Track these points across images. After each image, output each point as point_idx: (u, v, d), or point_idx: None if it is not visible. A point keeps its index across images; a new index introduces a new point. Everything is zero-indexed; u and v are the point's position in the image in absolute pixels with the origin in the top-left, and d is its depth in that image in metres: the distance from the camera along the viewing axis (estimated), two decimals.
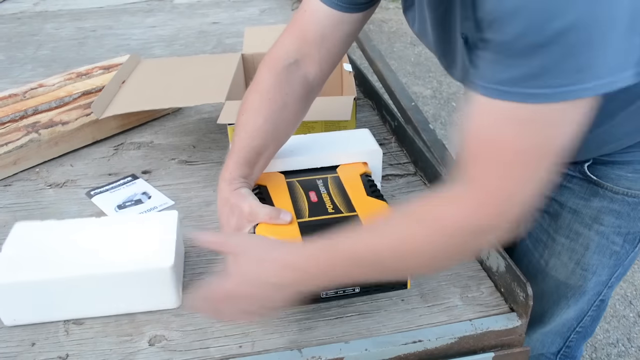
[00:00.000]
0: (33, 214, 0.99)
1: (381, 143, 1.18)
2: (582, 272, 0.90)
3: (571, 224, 0.88)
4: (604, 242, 0.87)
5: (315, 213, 0.78)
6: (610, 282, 0.93)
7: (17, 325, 0.77)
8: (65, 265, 0.76)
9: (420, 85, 3.53)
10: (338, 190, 0.83)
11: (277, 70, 0.83)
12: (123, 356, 0.72)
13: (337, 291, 0.74)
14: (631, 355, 1.82)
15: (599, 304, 0.96)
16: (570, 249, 0.90)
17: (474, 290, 0.81)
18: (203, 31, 1.89)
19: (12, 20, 2.07)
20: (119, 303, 0.78)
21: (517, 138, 0.54)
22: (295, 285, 0.65)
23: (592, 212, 0.86)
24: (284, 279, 0.65)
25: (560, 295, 0.95)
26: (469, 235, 0.59)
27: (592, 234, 0.87)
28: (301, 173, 0.87)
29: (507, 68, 0.51)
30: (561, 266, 0.92)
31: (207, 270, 0.86)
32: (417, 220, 0.61)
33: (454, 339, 0.73)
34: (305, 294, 0.67)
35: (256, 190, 0.82)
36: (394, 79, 1.33)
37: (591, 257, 0.89)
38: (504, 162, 0.55)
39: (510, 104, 0.52)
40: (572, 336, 1.01)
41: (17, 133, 1.12)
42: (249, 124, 0.81)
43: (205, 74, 1.23)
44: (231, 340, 0.74)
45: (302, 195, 0.82)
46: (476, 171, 0.57)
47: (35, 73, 1.59)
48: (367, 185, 0.83)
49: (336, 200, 0.80)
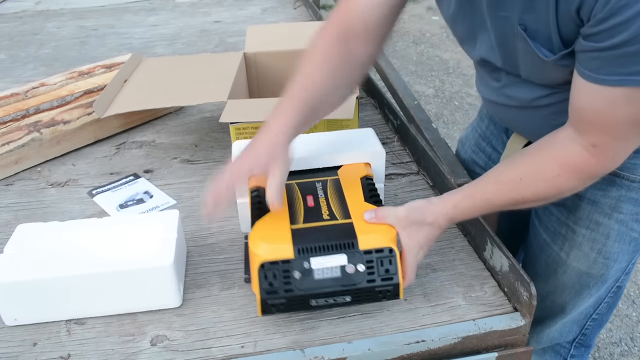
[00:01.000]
0: (35, 213, 0.98)
1: (384, 142, 1.18)
2: (604, 260, 0.93)
3: (591, 214, 0.91)
4: (624, 230, 0.90)
5: (310, 218, 0.76)
6: (627, 269, 0.96)
7: (18, 325, 0.77)
8: (67, 265, 0.76)
9: (423, 84, 3.53)
10: (336, 195, 0.81)
11: (332, 41, 0.85)
12: (125, 356, 0.72)
13: (327, 300, 0.72)
14: (634, 354, 1.81)
15: (616, 290, 0.99)
16: (592, 239, 0.92)
17: (477, 289, 0.81)
18: (205, 30, 1.89)
19: (14, 19, 2.07)
20: (120, 302, 0.77)
21: (631, 114, 0.67)
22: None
23: (611, 202, 0.89)
24: (444, 228, 0.78)
25: (582, 286, 0.97)
26: (588, 180, 0.75)
27: (612, 222, 0.90)
28: (301, 174, 0.86)
29: (622, 63, 0.63)
30: (583, 257, 0.94)
31: (209, 269, 0.86)
32: (558, 164, 0.73)
33: (457, 339, 0.73)
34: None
35: (254, 193, 0.81)
36: (396, 77, 1.32)
37: (612, 245, 0.92)
38: (620, 132, 0.69)
39: (624, 89, 0.65)
40: (588, 324, 1.04)
41: (19, 132, 1.12)
42: (305, 82, 0.83)
43: (207, 72, 1.23)
44: (233, 340, 0.74)
45: (299, 199, 0.81)
46: (597, 139, 0.70)
47: (37, 72, 1.58)
48: (366, 190, 0.82)
49: (333, 206, 0.79)
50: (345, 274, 0.72)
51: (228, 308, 0.79)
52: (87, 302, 0.77)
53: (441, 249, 0.88)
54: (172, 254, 0.77)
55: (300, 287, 0.71)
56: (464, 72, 3.61)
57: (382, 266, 0.72)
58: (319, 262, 0.71)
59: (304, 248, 0.72)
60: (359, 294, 0.73)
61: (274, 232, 0.74)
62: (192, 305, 0.79)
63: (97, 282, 0.75)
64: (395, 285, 0.72)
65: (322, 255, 0.72)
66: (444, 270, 0.84)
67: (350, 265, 0.72)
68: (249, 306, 0.79)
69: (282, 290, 0.71)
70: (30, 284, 0.74)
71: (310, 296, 0.72)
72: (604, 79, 0.65)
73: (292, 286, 0.71)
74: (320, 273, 0.71)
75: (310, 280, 0.71)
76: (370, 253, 0.72)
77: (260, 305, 0.71)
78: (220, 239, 0.92)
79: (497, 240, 0.80)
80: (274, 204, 0.73)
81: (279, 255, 0.71)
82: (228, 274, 0.85)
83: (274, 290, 0.71)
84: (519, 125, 0.93)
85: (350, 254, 0.72)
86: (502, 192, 0.76)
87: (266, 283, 0.71)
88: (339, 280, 0.71)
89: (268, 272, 0.71)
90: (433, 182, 1.04)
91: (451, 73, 3.63)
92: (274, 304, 0.71)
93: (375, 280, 0.72)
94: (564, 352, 1.08)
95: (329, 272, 0.71)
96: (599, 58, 0.64)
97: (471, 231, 0.89)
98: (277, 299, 0.71)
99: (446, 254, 0.88)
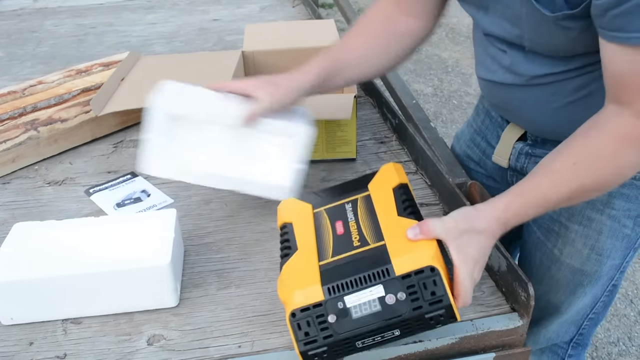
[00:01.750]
0: (32, 212, 0.98)
1: (382, 141, 1.18)
2: (597, 257, 0.93)
3: (583, 210, 0.91)
4: (616, 226, 0.90)
5: (339, 249, 0.69)
6: (622, 267, 0.96)
7: (14, 324, 0.77)
8: (63, 264, 0.75)
9: (421, 83, 3.52)
10: (367, 215, 0.74)
11: (380, 9, 0.92)
12: (121, 356, 0.72)
13: (374, 339, 0.65)
14: (632, 354, 1.81)
15: (612, 289, 0.99)
16: (584, 235, 0.92)
17: (475, 290, 0.79)
18: (203, 28, 1.88)
19: (12, 16, 2.06)
20: (117, 302, 0.77)
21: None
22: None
23: (603, 197, 0.88)
24: (498, 236, 0.71)
25: (576, 284, 0.97)
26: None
27: (604, 218, 0.90)
28: (330, 198, 0.80)
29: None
30: (576, 253, 0.94)
31: (206, 269, 0.85)
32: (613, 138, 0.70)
33: (454, 339, 0.73)
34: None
35: (283, 230, 0.77)
36: (394, 76, 1.32)
37: (605, 241, 0.92)
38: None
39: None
40: (585, 323, 1.03)
41: (16, 130, 1.11)
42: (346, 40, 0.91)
43: (206, 71, 1.23)
44: (230, 340, 0.74)
45: (327, 228, 0.74)
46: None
47: (34, 70, 1.58)
48: (399, 202, 0.73)
49: (364, 228, 0.72)
50: (386, 306, 0.63)
51: (225, 307, 0.79)
52: (83, 302, 0.77)
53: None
54: (169, 253, 0.76)
55: (339, 330, 0.64)
56: (463, 71, 3.61)
57: (425, 289, 0.63)
58: (355, 299, 0.64)
59: (335, 287, 0.64)
60: (408, 325, 0.64)
61: (301, 274, 0.67)
62: (189, 305, 0.79)
63: (94, 282, 0.75)
64: (447, 307, 0.63)
65: (357, 291, 0.64)
66: None
67: (389, 295, 0.63)
68: (246, 306, 0.79)
69: (320, 337, 0.64)
70: (27, 283, 0.74)
71: (354, 338, 0.64)
72: (635, 37, 0.63)
73: (330, 331, 0.64)
74: (358, 310, 0.64)
75: (348, 321, 0.63)
76: (410, 277, 0.63)
77: (301, 358, 0.65)
78: (217, 238, 0.92)
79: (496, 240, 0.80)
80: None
81: (308, 300, 0.64)
82: (225, 273, 0.84)
83: (313, 339, 0.64)
84: (517, 109, 0.92)
85: (386, 282, 0.64)
86: (557, 183, 0.70)
87: (302, 333, 0.63)
88: (381, 314, 0.63)
89: (301, 321, 0.63)
90: (431, 182, 1.03)
91: (450, 72, 3.63)
92: (316, 354, 0.64)
93: (422, 306, 0.63)
94: (562, 352, 1.08)
95: (368, 307, 0.64)
96: (621, 14, 0.62)
97: None
98: (318, 347, 0.64)
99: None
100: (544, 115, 0.85)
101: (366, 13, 0.92)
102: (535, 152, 0.92)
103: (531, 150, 0.93)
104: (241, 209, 0.98)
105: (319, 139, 1.08)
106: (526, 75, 0.84)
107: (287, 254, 0.72)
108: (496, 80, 0.90)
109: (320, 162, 1.11)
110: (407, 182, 0.78)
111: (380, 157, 1.13)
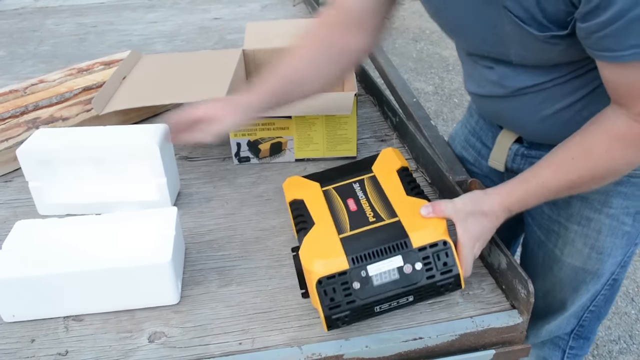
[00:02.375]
0: (33, 210, 0.98)
1: (382, 139, 1.18)
2: (598, 255, 0.94)
3: (581, 210, 0.92)
4: (615, 224, 0.91)
5: (356, 224, 0.76)
6: (623, 262, 0.97)
7: (16, 321, 0.77)
8: (65, 261, 0.76)
9: (422, 81, 3.52)
10: (377, 194, 0.81)
11: (323, 26, 0.90)
12: (123, 353, 0.72)
13: (390, 304, 0.72)
14: (633, 352, 1.81)
15: (612, 283, 1.00)
16: (584, 234, 0.93)
17: (475, 287, 0.81)
18: (204, 27, 1.88)
19: (13, 15, 2.06)
20: (118, 299, 0.77)
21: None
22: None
23: (601, 197, 0.90)
24: (502, 219, 0.77)
25: (579, 282, 0.98)
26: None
27: (602, 217, 0.91)
28: (335, 178, 0.86)
29: (630, 33, 0.62)
30: (576, 253, 0.95)
31: (207, 266, 0.86)
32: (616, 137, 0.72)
33: (454, 336, 0.73)
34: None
35: (294, 206, 0.82)
36: (395, 75, 1.32)
37: (604, 240, 0.92)
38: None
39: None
40: (585, 315, 1.05)
41: (18, 129, 1.12)
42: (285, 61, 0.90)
43: (207, 69, 1.23)
44: (231, 337, 0.74)
45: (340, 204, 0.80)
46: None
47: (36, 69, 1.58)
48: (405, 183, 0.81)
49: (376, 206, 0.79)
50: (404, 275, 0.71)
51: (226, 305, 0.79)
52: (85, 299, 0.77)
53: None
54: (170, 250, 0.77)
55: (362, 297, 0.70)
56: None
57: (439, 260, 0.72)
58: (376, 268, 0.71)
59: (358, 257, 0.71)
60: (421, 292, 0.72)
61: (324, 246, 0.74)
62: (190, 302, 0.80)
63: (95, 279, 0.75)
64: (456, 277, 0.72)
65: (378, 261, 0.71)
66: None
67: (407, 265, 0.71)
68: (247, 303, 0.79)
69: (344, 303, 0.70)
70: (29, 281, 0.74)
71: (373, 303, 0.71)
72: (621, 55, 0.65)
73: (353, 297, 0.70)
74: (379, 278, 0.71)
75: (370, 288, 0.71)
76: (425, 249, 0.72)
77: (325, 322, 0.70)
78: (218, 236, 0.92)
79: (496, 238, 0.80)
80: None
81: (334, 268, 0.71)
82: (226, 271, 0.85)
83: (337, 304, 0.70)
84: (508, 118, 0.93)
85: (405, 253, 0.72)
86: (556, 174, 0.75)
87: (327, 299, 0.70)
88: (399, 282, 0.71)
89: (327, 288, 0.70)
90: (432, 180, 1.04)
91: (451, 70, 3.63)
92: (339, 318, 0.70)
93: (435, 275, 0.72)
94: (563, 344, 1.09)
95: (387, 275, 0.71)
96: (607, 35, 0.64)
97: None
98: (341, 312, 0.70)
99: None
100: (535, 123, 0.86)
101: (311, 29, 0.90)
102: (532, 154, 0.93)
103: (527, 152, 0.94)
104: (242, 207, 0.99)
105: (320, 137, 1.09)
106: (515, 87, 0.84)
107: (305, 228, 0.77)
108: (485, 94, 0.91)
109: (321, 160, 1.11)
110: (408, 166, 0.85)
111: None
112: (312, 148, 1.10)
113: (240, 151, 1.10)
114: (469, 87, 0.96)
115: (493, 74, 0.86)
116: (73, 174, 0.95)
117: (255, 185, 1.05)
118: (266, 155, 1.10)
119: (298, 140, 1.09)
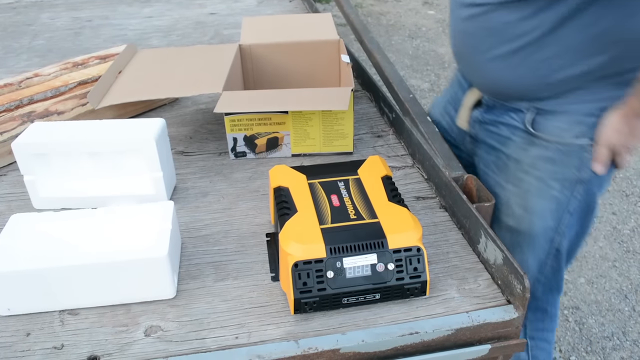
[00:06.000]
0: (28, 203, 0.98)
1: (379, 135, 1.18)
2: (528, 215, 1.04)
3: (515, 171, 1.03)
4: (543, 187, 1.00)
5: (337, 218, 0.78)
6: (559, 229, 1.03)
7: (12, 315, 0.77)
8: (60, 255, 0.75)
9: (418, 78, 3.52)
10: (360, 195, 0.83)
11: None
12: (118, 347, 0.72)
13: (357, 298, 0.75)
14: (626, 348, 1.83)
15: (555, 253, 1.06)
16: (516, 194, 1.04)
17: (471, 282, 0.81)
18: (200, 22, 1.88)
19: (8, 9, 2.05)
20: (114, 293, 0.77)
21: None
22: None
23: (530, 160, 1.00)
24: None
25: (514, 243, 1.06)
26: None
27: (531, 179, 1.01)
28: (322, 174, 0.88)
29: None
30: (511, 213, 1.06)
31: (203, 261, 0.86)
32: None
33: (450, 331, 0.73)
34: None
35: (278, 192, 0.83)
36: (392, 70, 1.32)
37: (533, 200, 1.02)
38: None
39: None
40: (535, 285, 1.11)
41: (12, 122, 1.11)
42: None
43: (203, 64, 1.23)
44: (227, 331, 0.74)
45: (324, 198, 0.82)
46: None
47: (30, 63, 1.58)
48: (388, 190, 0.84)
49: (358, 205, 0.80)
50: (376, 273, 0.74)
51: (222, 299, 0.79)
52: (80, 293, 0.77)
53: (435, 242, 0.89)
54: (167, 245, 0.77)
55: (333, 286, 0.73)
56: None
57: (410, 264, 0.75)
58: (351, 262, 0.74)
59: (336, 248, 0.74)
60: (388, 292, 0.75)
61: (304, 232, 0.75)
62: (186, 296, 0.79)
63: (91, 273, 0.75)
64: (422, 283, 0.75)
65: (354, 255, 0.74)
66: (437, 263, 0.84)
67: (380, 264, 0.74)
68: (243, 297, 0.79)
69: (315, 289, 0.73)
70: (24, 274, 0.74)
71: (342, 295, 0.74)
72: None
73: (325, 285, 0.73)
74: (352, 272, 0.74)
75: (342, 279, 0.73)
76: (400, 252, 0.75)
77: (292, 304, 0.73)
78: (214, 231, 0.92)
79: (492, 233, 0.80)
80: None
81: (312, 254, 0.73)
82: (222, 266, 0.85)
83: (308, 289, 0.73)
84: (467, 54, 1.01)
85: (380, 253, 0.74)
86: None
87: (300, 282, 0.72)
88: (370, 278, 0.74)
89: (302, 272, 0.72)
90: (428, 175, 1.04)
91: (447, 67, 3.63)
92: (307, 303, 0.73)
93: (404, 278, 0.74)
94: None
95: (360, 270, 0.74)
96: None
97: (465, 224, 0.89)
98: (310, 297, 0.73)
99: (440, 246, 0.88)
100: (486, 62, 0.93)
101: None
102: (485, 119, 1.02)
103: (481, 117, 1.02)
104: (238, 201, 0.99)
105: (316, 132, 1.09)
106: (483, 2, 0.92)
107: (287, 214, 0.79)
108: (456, 18, 0.99)
109: (317, 155, 1.11)
110: (391, 175, 0.89)
111: (377, 151, 1.13)
112: (308, 143, 1.10)
113: (236, 146, 1.10)
114: (451, 26, 1.04)
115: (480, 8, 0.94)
116: (68, 168, 0.95)
117: (252, 180, 1.05)
118: (262, 150, 1.10)
119: (294, 135, 1.09)
